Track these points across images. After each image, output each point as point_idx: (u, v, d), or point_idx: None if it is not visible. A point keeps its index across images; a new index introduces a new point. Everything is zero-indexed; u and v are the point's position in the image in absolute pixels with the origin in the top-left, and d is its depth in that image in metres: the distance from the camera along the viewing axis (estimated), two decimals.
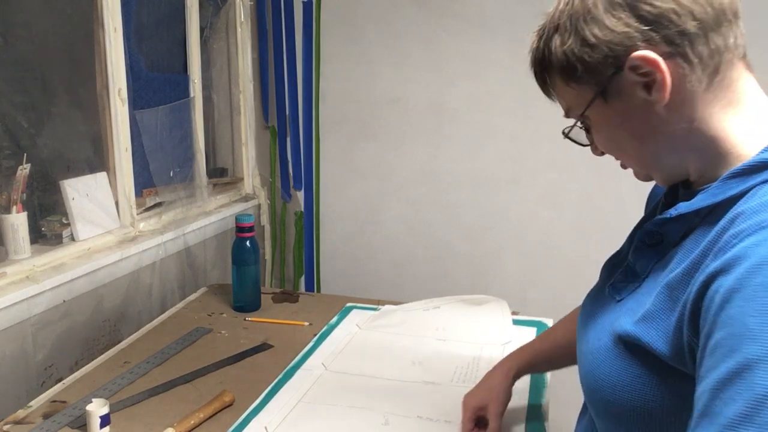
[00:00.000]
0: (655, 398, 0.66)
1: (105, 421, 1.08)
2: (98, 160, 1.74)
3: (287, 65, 2.30)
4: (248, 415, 1.16)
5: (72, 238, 1.61)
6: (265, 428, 1.11)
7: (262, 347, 1.44)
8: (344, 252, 2.39)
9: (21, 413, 1.17)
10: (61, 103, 1.66)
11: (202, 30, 2.14)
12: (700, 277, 0.61)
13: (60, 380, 1.34)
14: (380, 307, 1.67)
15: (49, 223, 1.58)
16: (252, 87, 2.35)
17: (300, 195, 2.39)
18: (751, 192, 0.64)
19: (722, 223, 0.63)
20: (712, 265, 0.60)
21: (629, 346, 0.69)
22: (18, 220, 1.44)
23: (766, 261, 0.55)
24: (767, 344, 0.52)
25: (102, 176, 1.72)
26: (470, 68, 2.11)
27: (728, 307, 0.56)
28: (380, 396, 1.22)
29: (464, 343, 1.45)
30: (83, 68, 1.70)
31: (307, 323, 1.57)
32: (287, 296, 1.77)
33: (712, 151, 0.70)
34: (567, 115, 0.79)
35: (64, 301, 1.50)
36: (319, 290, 2.44)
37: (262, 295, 1.70)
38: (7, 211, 1.43)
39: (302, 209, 2.40)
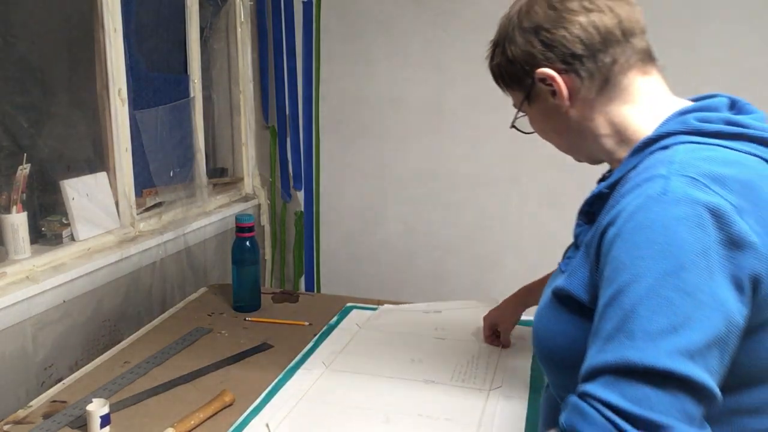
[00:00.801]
0: (578, 339, 0.77)
1: (105, 421, 1.08)
2: (98, 160, 1.74)
3: (287, 65, 2.30)
4: (248, 415, 1.16)
5: (72, 238, 1.61)
6: (267, 426, 1.11)
7: (262, 347, 1.44)
8: (344, 252, 2.39)
9: (21, 413, 1.17)
10: (61, 103, 1.66)
11: (202, 30, 2.14)
12: (598, 232, 0.77)
13: (60, 380, 1.34)
14: (380, 307, 1.67)
15: (49, 223, 1.58)
16: (252, 87, 2.35)
17: (300, 195, 2.39)
18: (640, 163, 0.80)
19: (616, 188, 0.81)
20: (605, 221, 0.76)
21: (562, 298, 0.84)
22: (18, 220, 1.44)
23: (636, 210, 0.71)
24: (634, 272, 0.68)
25: (102, 176, 1.71)
26: (470, 68, 2.11)
27: (612, 249, 0.72)
28: (380, 394, 1.22)
29: (463, 342, 1.46)
30: (83, 68, 1.70)
31: (307, 323, 1.57)
32: (287, 296, 1.77)
33: (617, 137, 0.88)
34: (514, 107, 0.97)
35: (64, 301, 1.50)
36: (319, 290, 2.44)
37: (262, 295, 1.69)
38: (7, 211, 1.43)
39: (302, 209, 2.40)
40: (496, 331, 1.45)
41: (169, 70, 2.06)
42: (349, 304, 1.69)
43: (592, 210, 0.87)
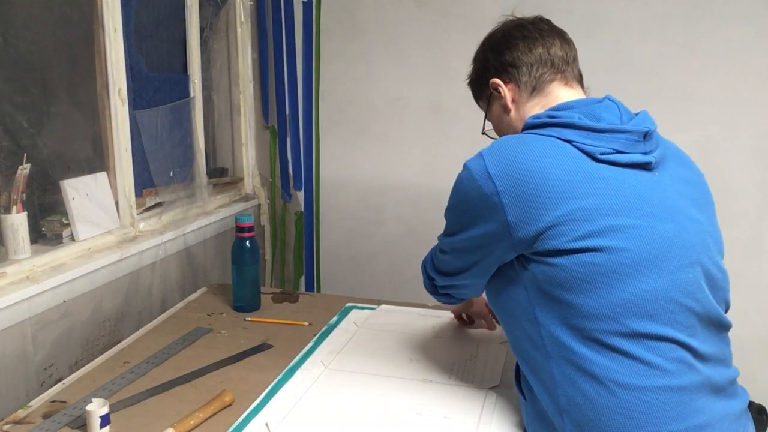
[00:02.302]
0: (500, 288, 1.09)
1: (105, 421, 1.08)
2: (98, 160, 1.74)
3: (287, 65, 2.30)
4: (248, 415, 1.16)
5: (72, 238, 1.61)
6: (266, 425, 1.11)
7: (262, 347, 1.44)
8: (344, 252, 2.39)
9: (21, 413, 1.17)
10: (61, 103, 1.66)
11: (202, 30, 2.14)
12: None
13: (60, 380, 1.34)
14: (378, 307, 1.67)
15: (49, 223, 1.58)
16: (252, 87, 2.35)
17: (300, 195, 2.39)
18: None
19: None
20: None
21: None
22: (18, 220, 1.44)
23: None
24: (447, 205, 1.14)
25: (102, 176, 1.72)
26: (470, 68, 2.11)
27: None
28: (379, 394, 1.23)
29: (461, 341, 1.46)
30: (83, 68, 1.71)
31: (307, 323, 1.57)
32: (287, 296, 1.77)
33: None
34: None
35: (64, 301, 1.50)
36: (319, 290, 2.44)
37: (262, 295, 1.70)
38: (7, 211, 1.43)
39: (302, 209, 2.40)
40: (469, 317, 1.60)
41: (169, 70, 2.06)
42: (348, 304, 1.69)
43: None
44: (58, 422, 1.13)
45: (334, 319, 1.59)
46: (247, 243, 1.63)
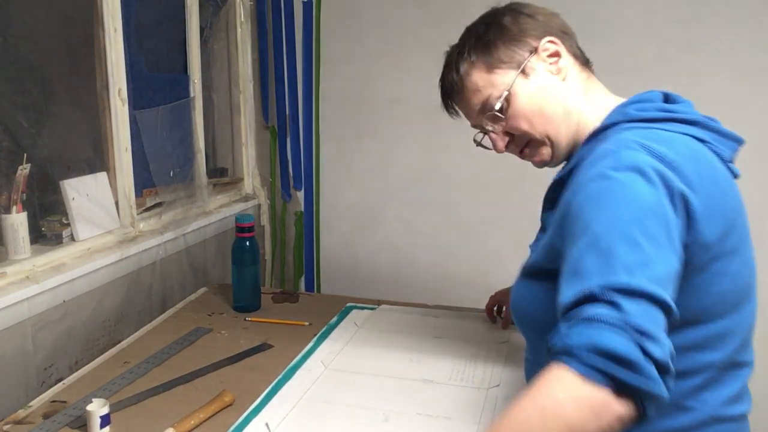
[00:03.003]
0: (554, 303, 0.82)
1: (105, 421, 1.08)
2: (98, 160, 1.74)
3: (287, 65, 2.30)
4: (248, 414, 1.16)
5: (72, 238, 1.61)
6: (267, 425, 1.11)
7: (262, 347, 1.44)
8: (344, 252, 2.39)
9: (21, 413, 1.17)
10: (61, 103, 1.66)
11: (202, 30, 2.14)
12: (561, 206, 0.87)
13: (60, 380, 1.34)
14: (378, 307, 1.67)
15: (49, 223, 1.58)
16: (252, 87, 2.35)
17: (300, 195, 2.39)
18: (590, 149, 0.90)
19: (573, 171, 0.90)
20: (567, 193, 0.87)
21: (531, 271, 0.95)
22: (18, 220, 1.44)
23: (594, 178, 0.81)
24: (607, 222, 0.76)
25: (102, 176, 1.71)
26: None
27: (580, 212, 0.80)
28: (379, 393, 1.23)
29: (462, 341, 1.46)
30: (83, 68, 1.70)
31: (307, 323, 1.57)
32: (287, 296, 1.77)
33: (576, 134, 0.98)
34: (480, 113, 1.03)
35: (64, 301, 1.50)
36: (319, 290, 2.44)
37: (262, 295, 1.70)
38: (7, 211, 1.43)
39: (302, 209, 2.40)
40: (499, 309, 1.56)
41: (169, 70, 2.06)
42: (349, 304, 1.69)
43: (555, 195, 0.96)
44: (58, 422, 1.13)
45: (334, 319, 1.59)
46: (247, 243, 1.63)
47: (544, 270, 0.90)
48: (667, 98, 0.97)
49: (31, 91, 1.56)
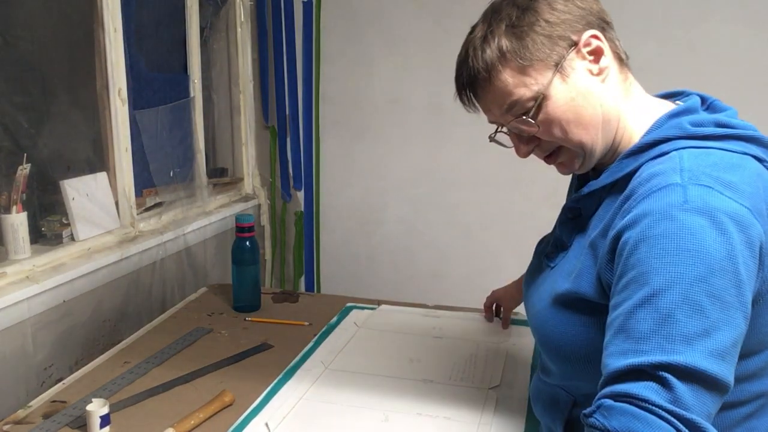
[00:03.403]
0: (594, 336, 0.81)
1: (105, 421, 1.08)
2: (98, 160, 1.74)
3: (287, 65, 2.30)
4: (248, 415, 1.16)
5: (72, 238, 1.61)
6: (266, 425, 1.11)
7: (262, 347, 1.44)
8: (344, 252, 2.39)
9: (21, 413, 1.17)
10: (61, 103, 1.66)
11: (202, 30, 2.14)
12: (612, 233, 0.79)
13: (60, 380, 1.34)
14: (378, 307, 1.67)
15: (49, 223, 1.58)
16: (252, 87, 2.35)
17: (300, 195, 2.39)
18: (643, 167, 0.82)
19: (625, 192, 0.81)
20: (621, 223, 0.77)
21: (568, 300, 0.86)
22: (18, 220, 1.44)
23: (660, 218, 0.73)
24: (667, 277, 0.70)
25: (102, 176, 1.71)
26: None
27: (636, 252, 0.73)
28: (379, 393, 1.22)
29: (462, 341, 1.46)
30: (83, 68, 1.70)
31: (307, 323, 1.57)
32: (287, 296, 1.77)
33: (612, 140, 0.88)
34: (506, 113, 0.89)
35: (64, 301, 1.50)
36: (319, 290, 2.44)
37: (262, 295, 1.69)
38: (7, 211, 1.43)
39: (302, 209, 2.40)
40: (497, 308, 1.54)
41: (169, 70, 2.06)
42: (349, 304, 1.69)
43: (578, 206, 0.91)
44: (58, 422, 1.13)
45: (334, 319, 1.59)
46: (247, 243, 1.63)
47: (585, 301, 0.84)
48: (704, 102, 0.90)
49: (31, 91, 1.56)
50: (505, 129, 0.93)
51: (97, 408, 1.07)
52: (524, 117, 0.86)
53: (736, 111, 0.88)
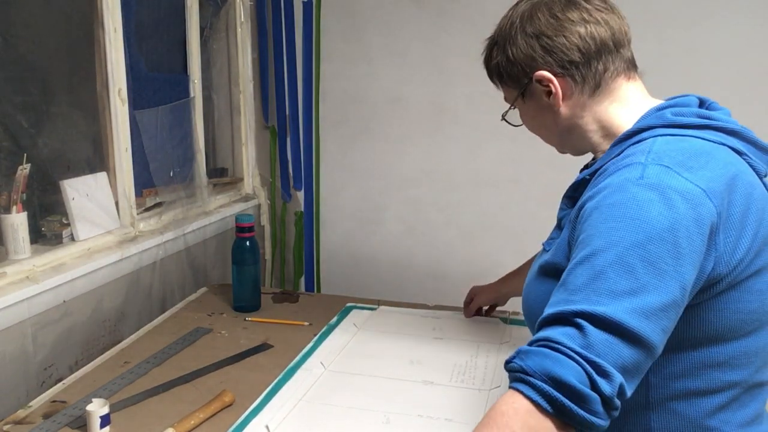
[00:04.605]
0: None
1: (105, 421, 1.08)
2: (98, 160, 1.74)
3: (287, 65, 2.30)
4: (248, 415, 1.16)
5: (72, 238, 1.61)
6: (267, 427, 1.11)
7: (262, 347, 1.44)
8: (344, 252, 2.39)
9: (21, 413, 1.17)
10: (61, 103, 1.66)
11: (202, 30, 2.14)
12: (577, 207, 0.87)
13: (60, 380, 1.34)
14: (378, 307, 1.67)
15: (49, 223, 1.58)
16: (252, 87, 2.35)
17: (300, 195, 2.39)
18: (623, 152, 0.89)
19: (599, 170, 0.90)
20: (586, 195, 0.86)
21: (547, 271, 0.93)
22: (18, 220, 1.44)
23: (615, 189, 0.80)
24: (607, 239, 0.76)
25: (102, 176, 1.71)
26: (470, 68, 2.10)
27: (589, 219, 0.81)
28: (380, 395, 1.22)
29: (462, 342, 1.46)
30: (83, 68, 1.70)
31: (307, 323, 1.57)
32: (287, 296, 1.77)
33: (602, 132, 0.97)
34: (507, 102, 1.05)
35: (64, 301, 1.50)
36: (319, 290, 2.44)
37: (262, 295, 1.70)
38: (7, 211, 1.43)
39: (302, 209, 2.40)
40: (478, 308, 1.59)
41: (169, 70, 2.06)
42: (349, 304, 1.69)
43: (576, 195, 0.96)
44: (58, 422, 1.13)
45: (335, 319, 1.59)
46: (247, 243, 1.63)
47: (557, 269, 0.89)
48: (702, 104, 0.95)
49: (31, 91, 1.56)
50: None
51: (97, 408, 1.07)
52: (509, 110, 1.06)
53: (728, 111, 0.94)
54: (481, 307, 1.59)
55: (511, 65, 0.98)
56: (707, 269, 0.78)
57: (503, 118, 1.08)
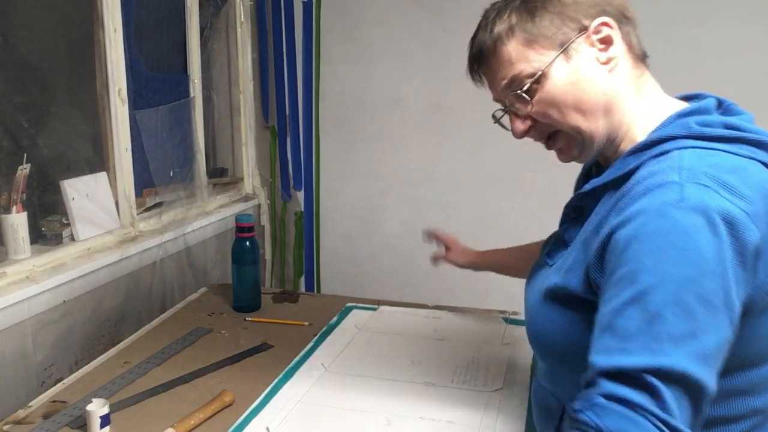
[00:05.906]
0: (576, 332, 0.81)
1: (105, 421, 1.08)
2: (98, 160, 1.74)
3: (287, 65, 2.30)
4: (248, 415, 1.16)
5: (72, 238, 1.61)
6: (267, 428, 1.11)
7: (262, 347, 1.44)
8: (344, 252, 2.39)
9: (21, 413, 1.17)
10: (61, 103, 1.66)
11: (202, 30, 2.14)
12: (604, 231, 0.78)
13: (60, 380, 1.34)
14: (379, 308, 1.67)
15: (49, 223, 1.58)
16: (252, 87, 2.35)
17: (300, 195, 2.39)
18: (643, 165, 0.80)
19: (622, 189, 0.80)
20: (614, 221, 0.76)
21: (556, 295, 0.85)
22: (18, 220, 1.44)
23: (654, 215, 0.71)
24: (658, 276, 0.69)
25: (102, 176, 1.71)
26: None
27: (628, 250, 0.72)
28: (381, 396, 1.22)
29: (463, 343, 1.45)
30: (83, 68, 1.70)
31: (307, 323, 1.57)
32: (287, 296, 1.77)
33: (615, 133, 0.86)
34: (506, 89, 0.89)
35: (64, 301, 1.50)
36: (319, 290, 2.44)
37: (262, 295, 1.69)
38: (7, 211, 1.43)
39: (302, 209, 2.40)
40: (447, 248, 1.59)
41: (169, 70, 2.06)
42: (349, 304, 1.69)
43: (581, 205, 0.90)
44: (58, 422, 1.13)
45: (335, 319, 1.59)
46: (247, 243, 1.63)
47: (572, 296, 0.83)
48: (720, 105, 0.88)
49: (31, 91, 1.56)
50: (509, 108, 0.92)
51: (97, 408, 1.07)
52: (519, 92, 0.86)
53: (752, 116, 0.85)
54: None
55: (551, 18, 0.84)
56: (745, 297, 0.73)
57: (497, 120, 0.98)
